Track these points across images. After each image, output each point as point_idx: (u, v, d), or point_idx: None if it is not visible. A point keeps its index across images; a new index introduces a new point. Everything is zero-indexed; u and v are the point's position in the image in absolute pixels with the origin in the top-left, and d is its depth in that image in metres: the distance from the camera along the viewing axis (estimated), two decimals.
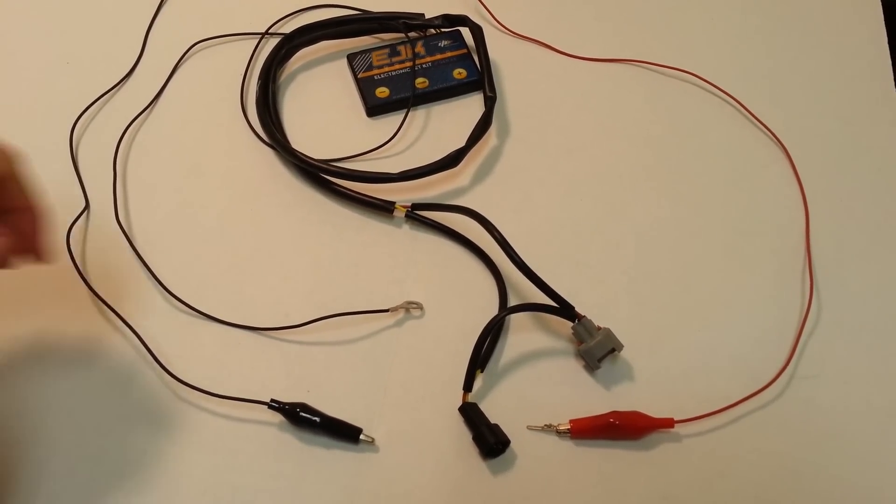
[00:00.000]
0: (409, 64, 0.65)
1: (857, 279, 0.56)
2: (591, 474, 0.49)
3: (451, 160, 0.58)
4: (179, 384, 0.50)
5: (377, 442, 0.49)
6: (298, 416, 0.49)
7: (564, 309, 0.51)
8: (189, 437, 0.49)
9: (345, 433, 0.49)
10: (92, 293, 0.53)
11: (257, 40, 0.67)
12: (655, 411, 0.50)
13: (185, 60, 0.66)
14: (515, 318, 0.54)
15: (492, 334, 0.52)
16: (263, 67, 0.64)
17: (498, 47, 0.66)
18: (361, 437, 0.48)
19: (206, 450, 0.48)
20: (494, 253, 0.55)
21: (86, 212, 0.57)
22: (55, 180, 0.55)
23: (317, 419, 0.49)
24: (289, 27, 0.67)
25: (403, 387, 0.51)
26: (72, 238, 0.55)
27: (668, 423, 0.49)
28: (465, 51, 0.66)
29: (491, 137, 0.63)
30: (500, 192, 0.60)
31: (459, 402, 0.50)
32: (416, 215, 0.57)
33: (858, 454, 0.50)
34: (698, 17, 0.71)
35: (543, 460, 0.49)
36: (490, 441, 0.48)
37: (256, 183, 0.60)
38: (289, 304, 0.54)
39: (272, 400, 0.49)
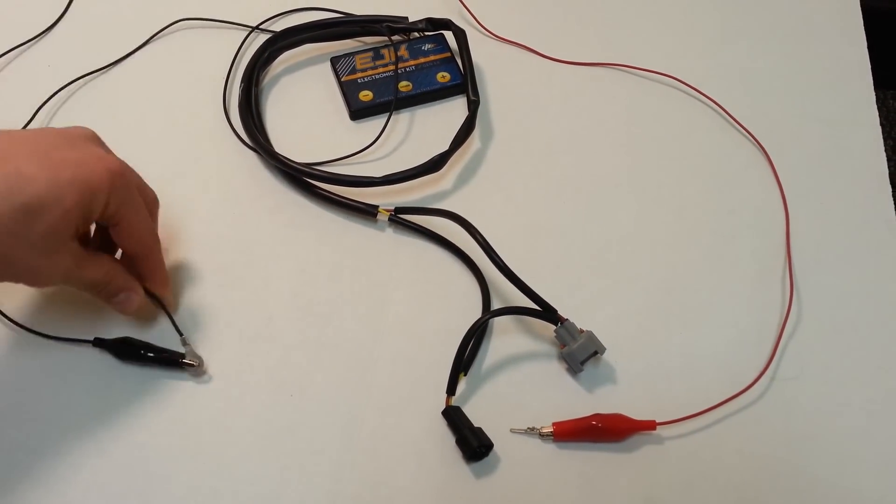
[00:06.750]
0: (392, 67, 0.65)
1: (836, 281, 0.57)
2: (574, 477, 0.49)
3: (435, 164, 0.58)
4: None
5: (362, 436, 0.49)
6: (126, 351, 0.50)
7: (547, 312, 0.52)
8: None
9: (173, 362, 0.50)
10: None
11: (244, 34, 0.66)
12: (638, 413, 0.50)
13: (163, 37, 0.64)
14: (498, 322, 0.54)
15: (475, 337, 0.52)
16: (246, 70, 0.63)
17: (481, 51, 0.66)
18: (185, 361, 0.50)
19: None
20: (478, 256, 0.55)
21: None
22: None
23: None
24: (274, 28, 0.67)
25: (386, 390, 0.51)
26: None
27: (651, 426, 0.49)
28: (448, 54, 0.66)
29: (474, 141, 0.63)
30: (483, 195, 0.60)
31: (443, 406, 0.50)
32: (400, 219, 0.57)
33: (839, 454, 0.50)
34: (680, 21, 0.71)
35: (527, 463, 0.49)
36: (473, 444, 0.48)
37: (239, 186, 0.59)
38: (272, 308, 0.54)
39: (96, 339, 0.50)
